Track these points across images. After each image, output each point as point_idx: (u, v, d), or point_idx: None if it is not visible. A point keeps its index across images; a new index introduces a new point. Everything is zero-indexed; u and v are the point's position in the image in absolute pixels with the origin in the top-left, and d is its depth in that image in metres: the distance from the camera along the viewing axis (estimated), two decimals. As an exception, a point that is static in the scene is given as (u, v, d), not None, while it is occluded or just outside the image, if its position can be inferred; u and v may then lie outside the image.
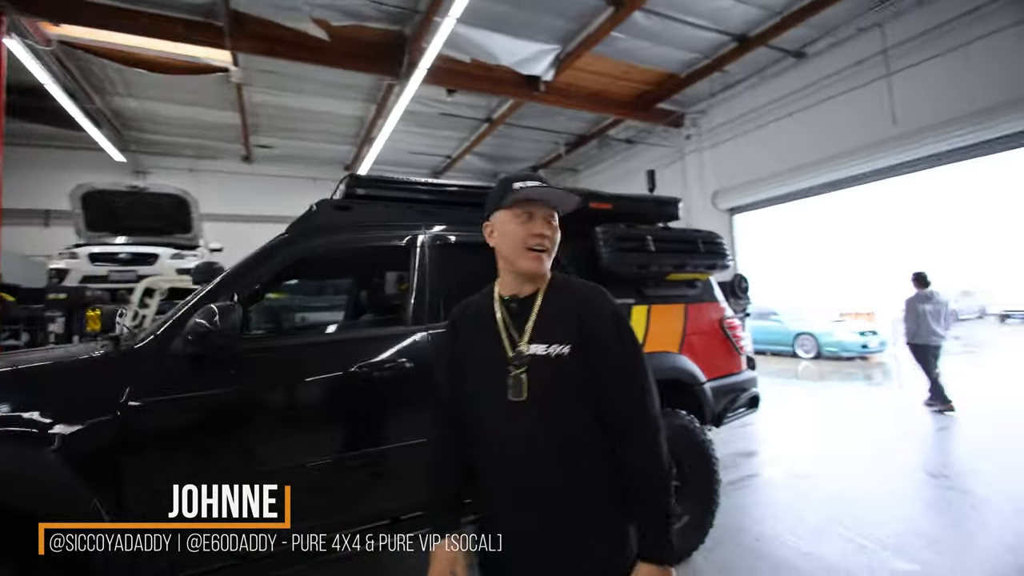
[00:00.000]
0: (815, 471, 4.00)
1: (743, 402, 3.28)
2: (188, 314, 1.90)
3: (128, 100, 7.87)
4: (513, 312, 1.10)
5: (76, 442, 1.63)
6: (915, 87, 6.53)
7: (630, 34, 6.69)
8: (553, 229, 1.10)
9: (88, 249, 5.93)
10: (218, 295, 1.99)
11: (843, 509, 3.29)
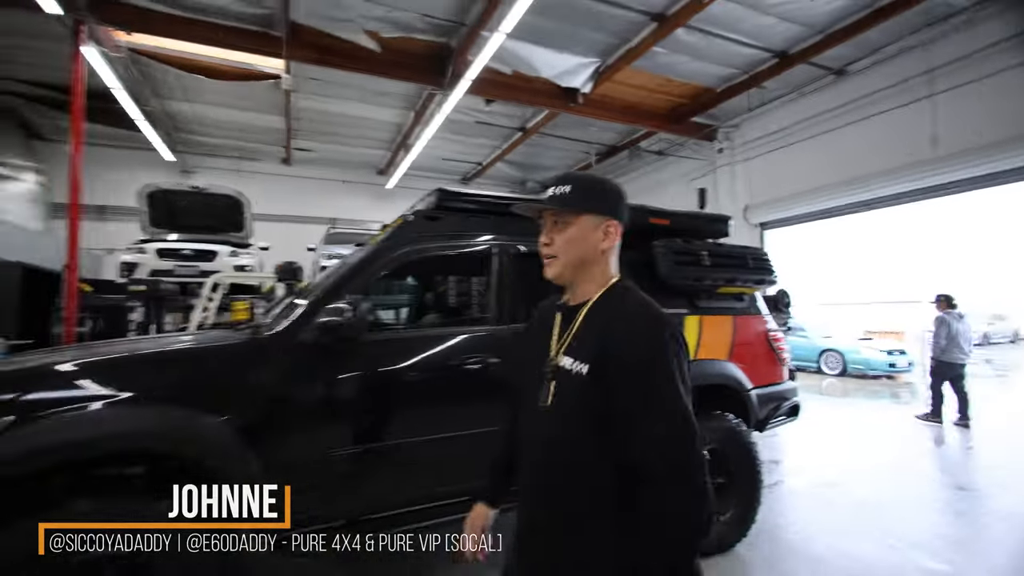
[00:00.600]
0: (841, 480, 4.19)
1: (785, 410, 3.50)
2: (313, 308, 2.22)
3: (182, 104, 8.35)
4: (565, 319, 1.10)
5: (238, 412, 1.96)
6: (959, 108, 6.61)
7: (670, 49, 6.91)
8: (555, 236, 1.08)
9: (156, 245, 6.38)
10: (336, 293, 2.30)
11: (871, 514, 3.48)
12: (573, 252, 1.07)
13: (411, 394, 2.39)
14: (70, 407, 1.80)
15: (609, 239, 1.08)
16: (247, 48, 6.50)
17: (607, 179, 1.17)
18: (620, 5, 6.03)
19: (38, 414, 1.75)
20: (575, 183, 1.10)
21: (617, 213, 1.09)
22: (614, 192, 1.12)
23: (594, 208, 1.08)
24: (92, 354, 2.13)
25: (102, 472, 1.89)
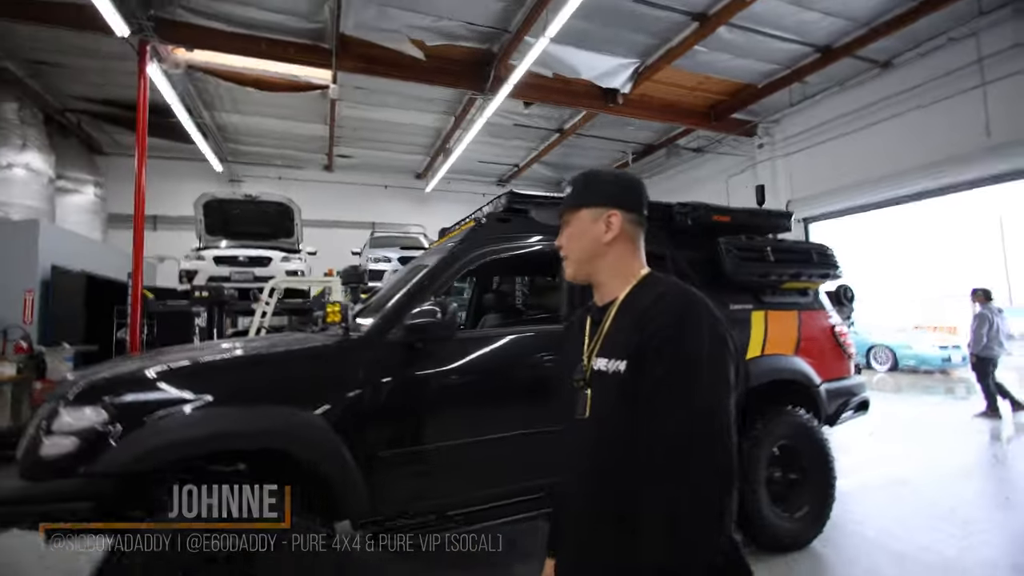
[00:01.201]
0: (910, 477, 4.20)
1: (854, 405, 3.53)
2: (398, 310, 2.38)
3: (232, 115, 8.78)
4: (594, 321, 1.05)
5: (336, 408, 2.08)
6: (1011, 97, 6.51)
7: (710, 47, 6.98)
8: (566, 235, 1.07)
9: (213, 252, 6.69)
10: (420, 294, 2.46)
11: (945, 511, 3.49)
12: (577, 248, 1.05)
13: (491, 391, 2.50)
14: (196, 406, 1.92)
15: (612, 230, 1.02)
16: (297, 60, 6.82)
17: (607, 171, 1.11)
18: (662, 6, 6.13)
19: (169, 412, 1.87)
20: (574, 181, 1.09)
21: (617, 202, 1.03)
22: (611, 182, 1.07)
23: (589, 201, 1.05)
24: (202, 356, 2.27)
25: (213, 469, 2.00)
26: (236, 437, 2.02)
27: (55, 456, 1.79)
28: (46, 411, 1.92)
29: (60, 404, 1.87)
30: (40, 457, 1.80)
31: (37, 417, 1.96)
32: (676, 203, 3.34)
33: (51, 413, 1.87)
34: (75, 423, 1.82)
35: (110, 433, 1.80)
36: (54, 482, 1.79)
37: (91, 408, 1.84)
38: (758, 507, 2.89)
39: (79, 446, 1.78)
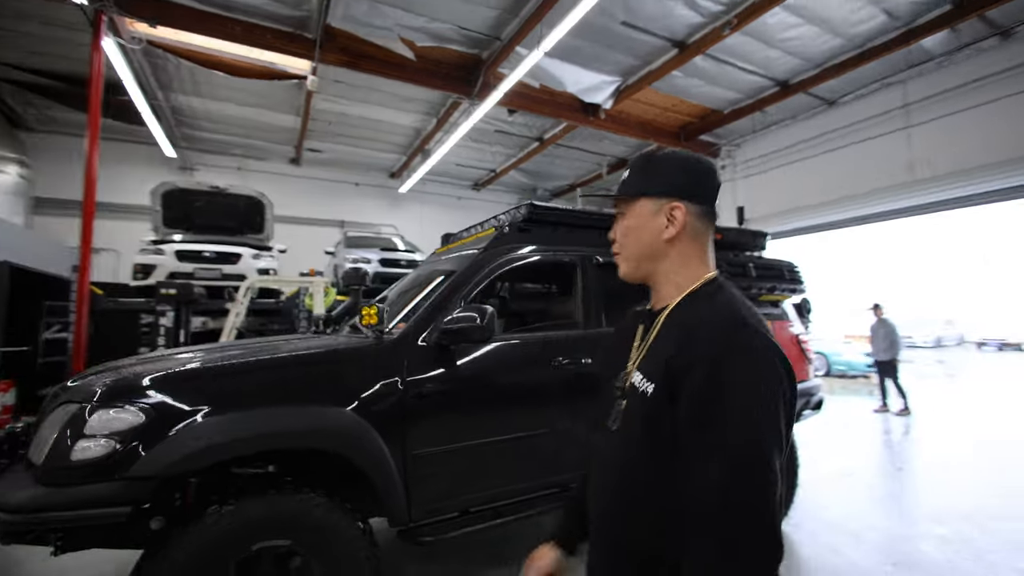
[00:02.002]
0: (855, 469, 4.97)
1: (813, 404, 4.05)
2: (428, 316, 2.49)
3: (191, 99, 8.28)
4: (645, 328, 0.94)
5: (375, 409, 2.18)
6: (931, 140, 7.49)
7: (686, 73, 7.52)
8: (621, 227, 0.97)
9: (175, 246, 6.28)
10: (451, 299, 2.59)
11: (884, 497, 4.22)
12: (632, 245, 0.94)
13: (518, 392, 2.70)
14: (241, 406, 1.96)
15: (674, 225, 0.89)
16: (275, 48, 6.59)
17: (674, 152, 0.97)
18: (647, 31, 6.56)
19: (213, 412, 1.89)
20: (634, 164, 0.97)
21: (683, 191, 0.90)
22: (677, 166, 0.93)
23: (650, 189, 0.91)
24: (240, 356, 2.24)
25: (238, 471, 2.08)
26: (287, 437, 2.06)
27: (88, 460, 1.75)
28: (68, 413, 1.85)
29: (90, 405, 1.82)
30: (71, 461, 1.75)
31: (56, 419, 1.88)
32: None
33: (79, 415, 1.81)
34: (111, 425, 1.80)
35: (149, 434, 1.79)
36: (88, 487, 1.74)
37: (128, 409, 1.82)
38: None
39: (116, 449, 1.76)
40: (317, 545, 1.98)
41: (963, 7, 6.10)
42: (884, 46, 6.85)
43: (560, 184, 13.38)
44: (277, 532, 1.92)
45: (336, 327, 3.59)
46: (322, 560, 1.99)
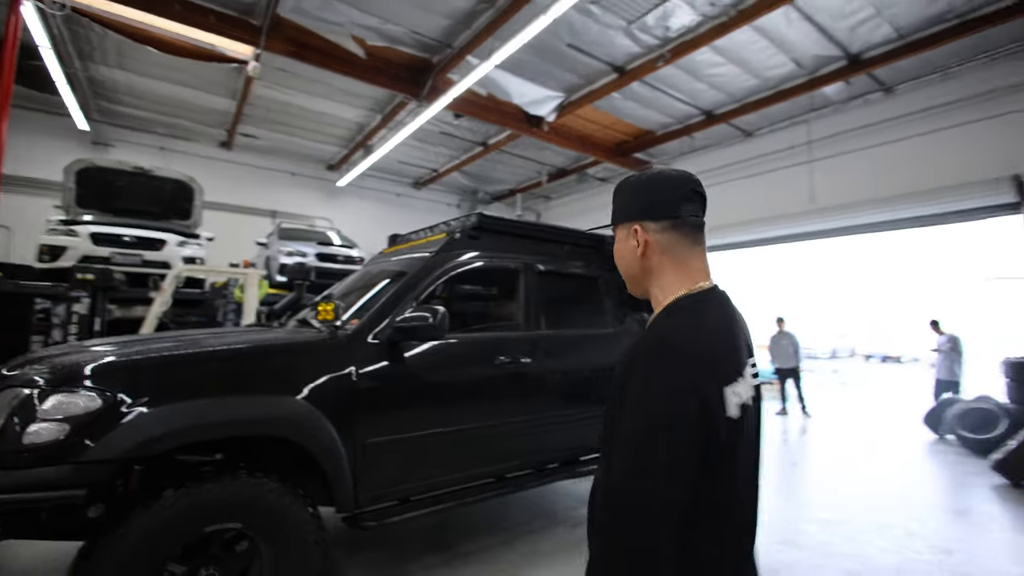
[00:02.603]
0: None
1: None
2: (381, 313, 2.70)
3: (115, 71, 7.73)
4: None
5: (325, 396, 2.34)
6: (830, 174, 8.60)
7: (624, 95, 8.13)
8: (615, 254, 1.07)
9: (91, 228, 5.88)
10: (399, 300, 2.81)
11: (781, 487, 4.73)
12: (622, 267, 1.03)
13: (461, 388, 2.95)
14: (199, 393, 2.06)
15: (640, 245, 0.97)
16: (217, 31, 6.39)
17: (633, 178, 1.04)
18: (591, 55, 7.05)
19: (172, 398, 1.98)
20: (613, 194, 1.05)
21: (640, 213, 0.98)
22: (630, 190, 1.02)
23: (617, 217, 1.01)
24: (195, 345, 2.35)
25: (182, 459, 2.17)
26: (248, 424, 2.18)
27: (42, 443, 1.81)
28: (17, 396, 1.88)
29: (43, 389, 1.87)
30: (22, 444, 1.80)
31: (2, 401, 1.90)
32: (608, 235, 4.06)
33: (30, 398, 1.86)
34: (66, 408, 1.86)
35: (107, 418, 1.87)
36: (42, 469, 1.80)
37: (84, 394, 1.89)
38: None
39: (71, 432, 1.83)
40: (268, 528, 2.11)
41: (856, 64, 7.11)
42: (792, 90, 7.80)
43: (501, 188, 13.75)
44: (230, 515, 2.03)
45: (280, 321, 3.66)
46: (272, 543, 2.12)
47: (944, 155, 7.32)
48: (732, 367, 0.87)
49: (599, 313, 3.79)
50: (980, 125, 7.01)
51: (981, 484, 5.00)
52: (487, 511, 3.87)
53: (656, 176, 1.01)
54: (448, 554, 3.17)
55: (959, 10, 5.99)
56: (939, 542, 3.57)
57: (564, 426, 3.34)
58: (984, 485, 4.97)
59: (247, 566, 2.11)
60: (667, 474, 0.77)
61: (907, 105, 7.68)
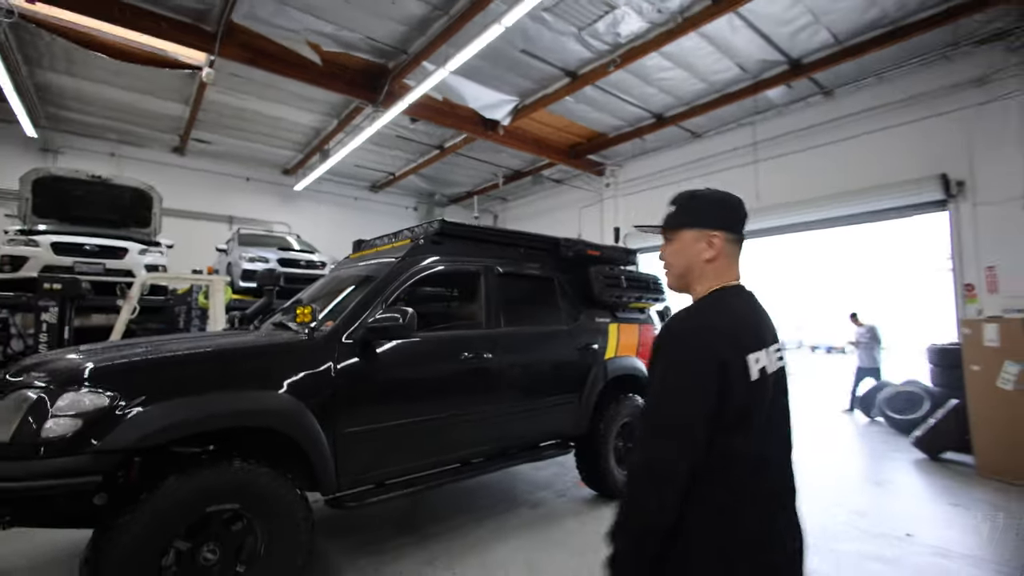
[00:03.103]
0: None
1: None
2: (354, 315, 3.07)
3: (62, 77, 7.68)
4: None
5: (308, 391, 2.67)
6: (773, 174, 9.39)
7: (577, 99, 8.64)
8: (665, 250, 1.31)
9: (52, 238, 5.95)
10: (370, 303, 3.19)
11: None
12: (679, 264, 1.26)
13: (429, 382, 3.32)
14: (197, 390, 2.37)
15: (713, 249, 1.21)
16: (171, 37, 6.51)
17: (711, 193, 1.30)
18: (544, 60, 7.52)
19: (173, 394, 2.28)
20: (678, 201, 1.30)
21: (721, 224, 1.23)
22: (716, 204, 1.26)
23: (693, 222, 1.24)
24: (191, 346, 2.70)
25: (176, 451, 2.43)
26: (244, 415, 2.53)
27: (58, 436, 2.12)
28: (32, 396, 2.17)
29: (53, 389, 2.18)
30: (41, 438, 2.11)
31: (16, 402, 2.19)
32: (562, 238, 4.56)
33: (46, 397, 2.16)
34: (79, 405, 2.17)
35: (114, 414, 2.20)
36: (61, 459, 2.11)
37: (95, 392, 2.21)
38: (608, 466, 4.19)
39: (83, 426, 2.14)
40: (262, 508, 2.45)
41: (797, 68, 7.77)
42: (738, 93, 8.46)
43: (458, 191, 14.14)
44: (228, 497, 2.36)
45: (254, 324, 3.96)
46: (266, 521, 2.46)
47: (879, 155, 8.04)
48: (754, 340, 1.11)
49: (554, 311, 4.23)
50: (911, 127, 7.72)
51: (902, 459, 5.71)
52: (454, 496, 4.29)
53: (726, 197, 1.29)
54: (419, 535, 3.56)
55: (892, 16, 6.56)
56: (856, 507, 4.18)
57: (523, 415, 3.75)
58: (905, 460, 5.67)
59: (243, 542, 2.44)
60: (683, 420, 1.01)
61: (845, 108, 8.38)
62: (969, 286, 6.98)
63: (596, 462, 4.15)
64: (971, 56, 7.02)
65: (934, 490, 4.72)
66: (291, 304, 4.20)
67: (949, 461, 5.54)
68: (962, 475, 5.06)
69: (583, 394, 4.11)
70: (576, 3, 6.27)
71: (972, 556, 3.27)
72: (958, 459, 5.51)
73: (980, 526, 3.77)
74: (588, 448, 4.16)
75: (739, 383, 1.04)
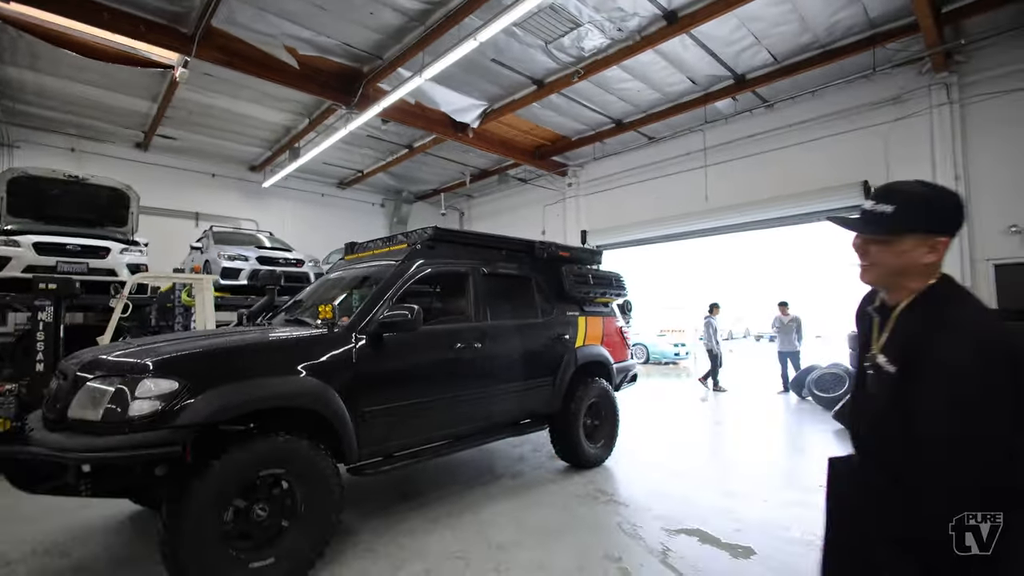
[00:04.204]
0: (664, 423, 7.04)
1: (630, 377, 5.97)
2: (366, 311, 3.68)
3: (24, 71, 7.68)
4: (881, 318, 1.33)
5: (336, 379, 3.27)
6: (720, 177, 10.45)
7: (543, 105, 9.40)
8: (871, 248, 1.29)
9: (33, 238, 6.12)
10: (379, 300, 3.80)
11: (677, 443, 6.27)
12: (891, 264, 1.25)
13: (428, 368, 3.95)
14: (248, 376, 2.95)
15: (935, 253, 1.21)
16: (147, 39, 6.75)
17: (936, 191, 1.25)
18: (513, 70, 8.21)
19: (231, 379, 2.84)
20: (899, 201, 1.24)
21: (946, 228, 1.21)
22: (942, 207, 1.23)
23: (919, 228, 1.21)
24: (238, 340, 3.25)
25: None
26: (287, 397, 3.11)
27: (142, 414, 2.65)
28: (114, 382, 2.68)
29: (132, 377, 2.71)
30: (129, 416, 2.64)
31: (99, 388, 2.70)
32: (537, 241, 5.28)
33: (128, 383, 2.68)
34: (157, 390, 2.71)
35: (184, 396, 2.74)
36: (148, 433, 2.64)
37: (164, 379, 2.75)
38: (579, 440, 4.96)
39: (162, 407, 2.68)
40: (302, 473, 3.04)
41: (742, 83, 8.81)
42: (689, 103, 9.46)
43: (425, 188, 14.67)
44: (276, 463, 2.94)
45: (263, 320, 4.46)
46: (305, 483, 3.06)
47: (812, 163, 9.22)
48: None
49: (531, 306, 4.95)
50: (838, 138, 8.94)
51: (824, 430, 6.80)
52: (445, 470, 4.96)
53: (953, 200, 1.26)
54: (419, 500, 4.23)
55: (822, 41, 7.71)
56: (782, 467, 5.20)
57: (508, 396, 4.45)
58: (827, 430, 6.75)
59: (286, 501, 3.03)
60: (981, 435, 1.05)
61: (784, 119, 9.52)
62: (882, 281, 8.22)
63: (568, 437, 4.91)
64: (889, 77, 8.23)
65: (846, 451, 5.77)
66: (293, 302, 4.74)
67: (861, 430, 6.68)
68: (869, 440, 6.18)
69: (557, 377, 4.85)
70: (544, 19, 6.98)
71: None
72: (868, 428, 6.65)
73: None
74: (561, 425, 4.91)
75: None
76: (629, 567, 3.09)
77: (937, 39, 7.10)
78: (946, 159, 7.80)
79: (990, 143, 7.57)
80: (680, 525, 3.71)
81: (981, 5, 6.72)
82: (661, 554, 3.26)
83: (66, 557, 3.34)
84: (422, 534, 3.60)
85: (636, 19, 7.00)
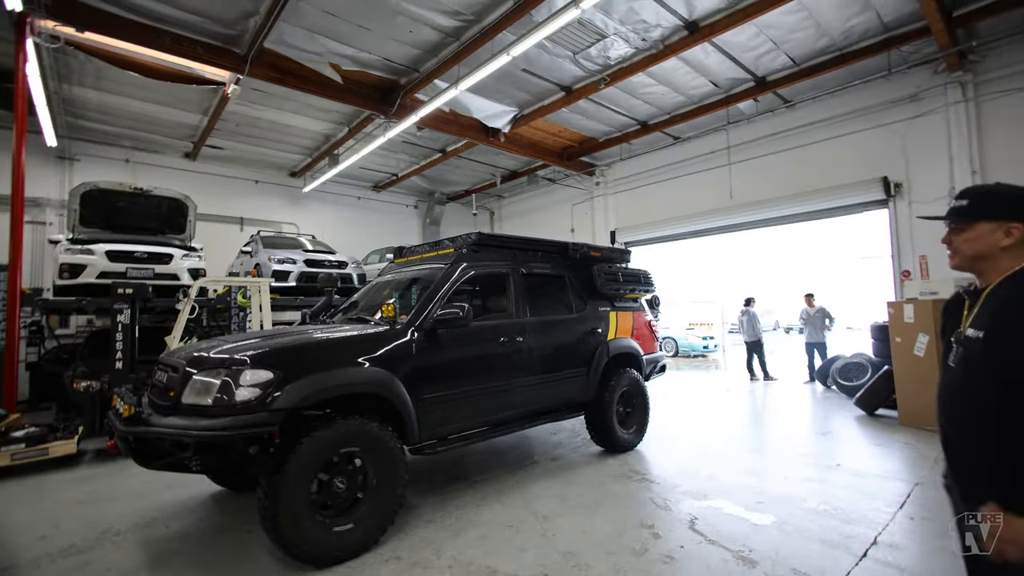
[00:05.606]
0: (697, 407, 7.39)
1: (659, 368, 6.33)
2: (422, 309, 4.14)
3: (89, 91, 8.42)
4: (972, 300, 1.51)
5: (399, 370, 3.74)
6: (745, 175, 10.70)
7: (571, 110, 9.81)
8: (953, 238, 1.53)
9: (106, 246, 6.80)
10: (432, 299, 4.26)
11: (713, 423, 6.63)
12: (972, 249, 1.47)
13: (477, 360, 4.40)
14: (327, 367, 3.45)
15: (1011, 238, 1.41)
16: (204, 60, 7.35)
17: (1005, 185, 1.50)
18: (542, 78, 8.64)
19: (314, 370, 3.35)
20: (972, 197, 1.51)
21: (1018, 215, 1.41)
22: (1010, 196, 1.46)
23: (993, 214, 1.43)
24: (318, 336, 3.73)
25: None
26: (363, 384, 3.58)
27: (245, 400, 3.15)
28: (221, 373, 3.18)
29: (236, 369, 3.20)
30: (235, 402, 3.14)
31: (209, 379, 3.20)
32: (570, 243, 5.70)
33: (234, 373, 3.17)
34: (257, 379, 3.21)
35: (279, 384, 3.23)
36: (249, 415, 3.14)
37: (264, 369, 3.24)
38: (612, 426, 5.36)
39: (261, 393, 3.18)
40: (374, 451, 3.52)
41: (762, 85, 9.10)
42: (712, 105, 9.77)
43: (457, 189, 15.23)
44: (353, 443, 3.42)
45: (325, 319, 4.97)
46: (376, 460, 3.54)
47: (832, 160, 9.50)
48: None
49: (565, 302, 5.38)
50: (858, 136, 9.21)
51: (846, 416, 7.11)
52: (488, 455, 5.43)
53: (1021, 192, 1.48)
54: (468, 481, 4.70)
55: (839, 45, 8.03)
56: (803, 450, 5.51)
57: (547, 385, 4.89)
58: (848, 416, 7.08)
59: (359, 476, 3.51)
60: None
61: (805, 118, 9.80)
62: (906, 272, 8.45)
63: (603, 423, 5.33)
64: (906, 77, 8.46)
65: (864, 436, 6.13)
66: (350, 303, 5.25)
67: (881, 416, 7.00)
68: (888, 425, 6.50)
69: (591, 368, 5.27)
70: (572, 32, 7.38)
71: (881, 475, 4.59)
72: (888, 414, 6.99)
73: (892, 456, 5.14)
74: (596, 412, 5.33)
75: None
76: (660, 532, 3.53)
77: (949, 42, 7.35)
78: (963, 154, 8.02)
79: (1006, 138, 7.77)
80: (706, 498, 4.14)
81: (991, 8, 6.94)
82: (689, 522, 3.69)
83: (167, 527, 3.89)
84: (474, 508, 4.07)
85: (659, 30, 7.37)
